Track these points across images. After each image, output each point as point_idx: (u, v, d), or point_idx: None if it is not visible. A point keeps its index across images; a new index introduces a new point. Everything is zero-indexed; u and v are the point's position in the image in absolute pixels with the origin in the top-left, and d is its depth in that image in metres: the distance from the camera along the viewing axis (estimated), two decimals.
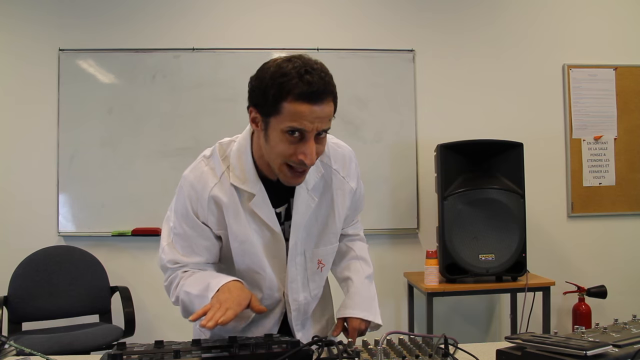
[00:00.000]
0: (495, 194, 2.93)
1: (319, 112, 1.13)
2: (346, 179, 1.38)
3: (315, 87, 1.11)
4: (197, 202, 1.30)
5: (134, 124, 3.32)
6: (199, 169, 1.33)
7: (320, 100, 1.12)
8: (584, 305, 3.33)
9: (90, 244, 3.26)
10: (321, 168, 1.34)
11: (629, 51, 3.57)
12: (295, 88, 1.10)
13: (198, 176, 1.31)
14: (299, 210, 1.32)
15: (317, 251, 1.39)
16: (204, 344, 1.14)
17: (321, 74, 1.13)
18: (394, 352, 1.13)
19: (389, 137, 3.42)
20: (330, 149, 1.36)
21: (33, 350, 1.19)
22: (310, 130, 1.14)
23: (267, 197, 1.29)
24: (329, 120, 1.17)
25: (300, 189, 1.31)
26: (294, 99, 1.11)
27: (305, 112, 1.11)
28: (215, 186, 1.29)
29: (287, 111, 1.12)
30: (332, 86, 1.16)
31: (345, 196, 1.39)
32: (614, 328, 1.16)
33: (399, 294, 3.42)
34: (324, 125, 1.16)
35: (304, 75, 1.10)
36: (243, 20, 3.39)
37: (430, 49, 3.47)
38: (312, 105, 1.11)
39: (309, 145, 1.15)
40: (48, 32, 3.33)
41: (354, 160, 1.42)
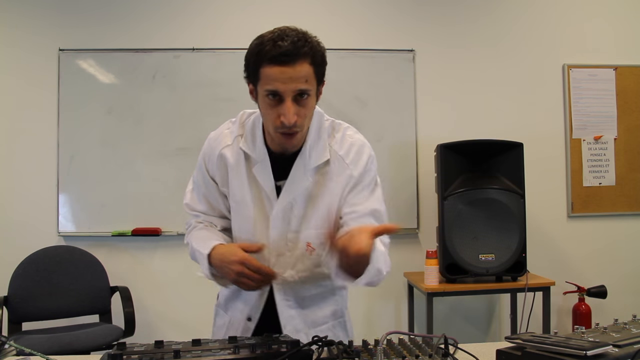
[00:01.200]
0: (495, 194, 2.93)
1: (290, 72, 1.19)
2: (350, 166, 1.38)
3: (284, 49, 1.17)
4: (209, 157, 1.43)
5: (134, 124, 3.32)
6: (221, 129, 1.45)
7: (291, 61, 1.18)
8: (584, 305, 3.33)
9: (90, 244, 3.26)
10: (328, 153, 1.37)
11: (629, 51, 3.57)
12: (268, 53, 1.19)
13: (217, 135, 1.44)
14: (290, 185, 1.36)
15: (308, 233, 1.38)
16: (204, 343, 1.14)
17: (295, 39, 1.19)
18: (394, 352, 1.13)
19: (389, 137, 3.42)
20: (343, 138, 1.41)
21: (33, 350, 1.19)
22: (285, 91, 1.20)
23: (269, 166, 1.36)
24: (306, 81, 1.21)
25: (298, 166, 1.35)
26: (268, 62, 1.19)
27: (276, 74, 1.19)
28: (226, 147, 1.40)
29: (264, 75, 1.21)
30: (307, 49, 1.20)
31: (346, 183, 1.37)
32: (614, 328, 1.16)
33: (399, 294, 3.42)
34: (300, 86, 1.21)
35: (277, 40, 1.19)
36: (243, 20, 3.39)
37: (430, 49, 3.47)
38: (283, 66, 1.18)
39: (285, 106, 1.21)
40: (48, 32, 3.33)
41: (367, 153, 1.41)
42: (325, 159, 1.37)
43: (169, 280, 3.32)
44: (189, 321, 3.29)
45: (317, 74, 1.25)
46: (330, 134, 1.41)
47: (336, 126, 1.43)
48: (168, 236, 3.31)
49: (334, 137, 1.40)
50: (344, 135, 1.41)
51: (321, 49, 1.25)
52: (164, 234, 3.29)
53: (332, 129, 1.42)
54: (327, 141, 1.39)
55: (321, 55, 1.25)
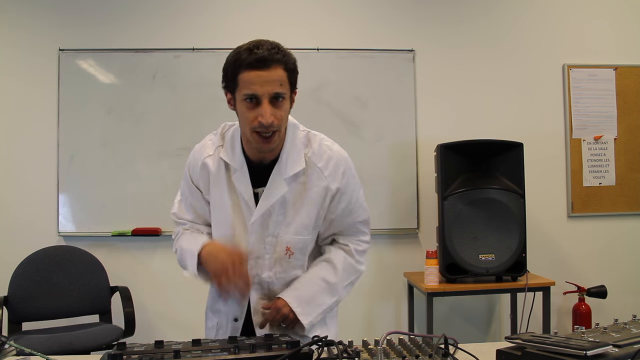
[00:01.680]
0: (495, 194, 2.93)
1: (266, 76, 1.29)
2: (327, 179, 1.45)
3: (260, 55, 1.29)
4: (193, 167, 1.51)
5: (134, 124, 3.32)
6: (204, 141, 1.53)
7: (266, 66, 1.29)
8: (584, 305, 3.33)
9: (90, 244, 3.26)
10: (303, 163, 1.44)
11: (629, 51, 3.57)
12: (245, 60, 1.30)
13: (200, 146, 1.52)
14: (268, 192, 1.43)
15: (286, 237, 1.46)
16: (204, 344, 1.14)
17: (269, 47, 1.31)
18: (394, 352, 1.13)
19: (389, 137, 3.42)
20: (320, 149, 1.47)
21: (33, 350, 1.19)
22: (262, 94, 1.30)
23: (247, 175, 1.44)
24: (281, 85, 1.32)
25: (276, 174, 1.43)
26: (245, 69, 1.30)
27: (253, 78, 1.29)
28: (208, 157, 1.48)
29: (242, 81, 1.31)
30: (280, 55, 1.31)
31: (322, 194, 1.45)
32: (614, 328, 1.16)
33: (399, 294, 3.42)
34: (275, 89, 1.31)
35: (253, 49, 1.30)
36: (243, 20, 3.39)
37: (430, 49, 3.47)
38: (259, 71, 1.29)
39: (263, 107, 1.31)
40: (48, 32, 3.33)
41: (345, 166, 1.49)
42: (300, 167, 1.43)
43: (169, 280, 3.32)
44: (189, 321, 3.28)
45: (290, 79, 1.34)
46: (307, 144, 1.48)
47: (311, 137, 1.49)
48: (168, 236, 3.30)
49: (311, 147, 1.47)
50: (320, 146, 1.48)
51: (293, 58, 1.36)
52: (164, 234, 3.29)
53: (307, 139, 1.49)
54: (302, 151, 1.46)
55: (293, 62, 1.36)
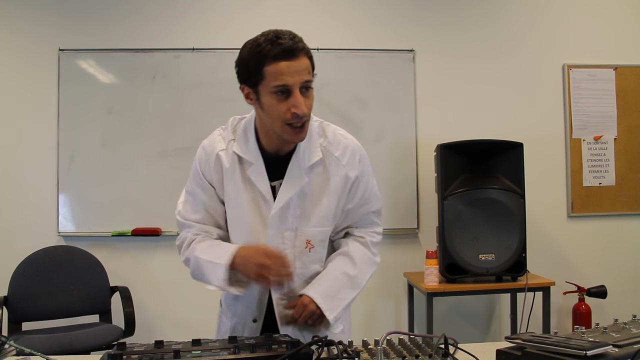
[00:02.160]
0: (495, 194, 2.93)
1: (295, 65, 1.26)
2: (346, 167, 1.44)
3: (286, 45, 1.25)
4: (205, 162, 1.44)
5: (134, 124, 3.32)
6: (213, 135, 1.48)
7: (294, 55, 1.26)
8: (584, 305, 3.33)
9: (90, 244, 3.26)
10: (320, 152, 1.42)
11: (629, 51, 3.57)
12: (271, 52, 1.25)
13: (210, 141, 1.47)
14: (287, 184, 1.40)
15: (306, 230, 1.42)
16: (204, 343, 1.14)
17: (290, 35, 1.27)
18: (394, 352, 1.13)
19: (389, 137, 3.42)
20: (335, 138, 1.46)
21: (33, 350, 1.19)
22: (294, 84, 1.26)
23: (263, 168, 1.40)
24: (308, 73, 1.29)
25: (293, 165, 1.40)
26: (272, 60, 1.25)
27: (283, 68, 1.25)
28: (221, 151, 1.43)
29: (269, 73, 1.26)
30: (302, 43, 1.29)
31: (342, 183, 1.44)
32: (614, 328, 1.16)
33: (399, 294, 3.42)
34: (305, 77, 1.28)
35: (275, 40, 1.26)
36: (243, 20, 3.39)
37: (430, 49, 3.47)
38: (288, 60, 1.25)
39: (296, 97, 1.27)
40: (48, 32, 3.33)
41: (360, 153, 1.48)
42: (317, 158, 1.41)
43: (169, 280, 3.32)
44: (189, 321, 3.29)
45: (312, 66, 1.32)
46: (321, 134, 1.46)
47: (325, 127, 1.48)
48: (168, 236, 3.30)
49: (326, 137, 1.45)
50: (335, 135, 1.46)
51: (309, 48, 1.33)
52: (164, 234, 3.29)
53: (321, 129, 1.47)
54: (317, 141, 1.44)
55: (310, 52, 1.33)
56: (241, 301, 1.47)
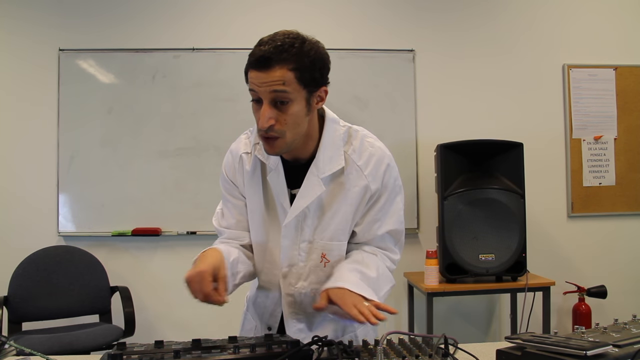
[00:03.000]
0: (495, 194, 2.93)
1: (263, 77, 1.19)
2: (367, 178, 1.34)
3: (258, 54, 1.19)
4: (231, 163, 1.44)
5: (134, 124, 3.32)
6: (240, 139, 1.46)
7: (265, 66, 1.19)
8: (584, 305, 3.33)
9: (90, 244, 3.26)
10: (343, 160, 1.34)
11: (629, 51, 3.57)
12: (250, 57, 1.22)
13: (237, 143, 1.45)
14: (303, 193, 1.33)
15: (321, 243, 1.36)
16: (204, 344, 1.14)
17: (279, 44, 1.19)
18: (394, 352, 1.13)
19: (389, 137, 3.41)
20: (362, 145, 1.37)
21: (33, 350, 1.19)
22: (261, 93, 1.21)
23: (282, 174, 1.35)
24: (283, 84, 1.19)
25: (311, 174, 1.33)
26: (249, 67, 1.22)
27: (253, 77, 1.21)
28: (245, 153, 1.42)
29: (249, 78, 1.23)
30: (286, 54, 1.19)
31: (360, 194, 1.35)
32: (614, 328, 1.16)
33: (399, 294, 3.42)
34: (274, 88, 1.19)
35: (260, 45, 1.21)
36: (243, 20, 3.39)
37: (430, 49, 3.47)
38: (258, 71, 1.20)
39: (262, 109, 1.22)
40: (48, 32, 3.33)
41: (387, 164, 1.38)
42: (339, 166, 1.33)
43: (169, 280, 3.32)
44: (189, 321, 3.29)
45: (301, 79, 1.20)
46: (347, 141, 1.37)
47: (353, 133, 1.38)
48: (168, 236, 3.31)
49: (351, 145, 1.36)
50: (362, 142, 1.37)
51: (312, 54, 1.22)
52: (164, 234, 3.29)
53: (348, 135, 1.38)
54: (341, 148, 1.35)
55: (310, 60, 1.21)
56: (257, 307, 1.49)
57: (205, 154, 3.28)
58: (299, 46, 1.20)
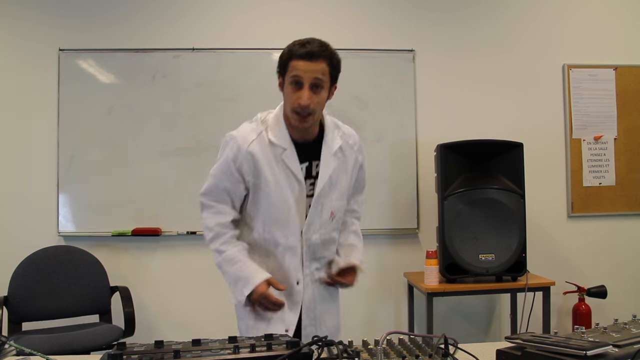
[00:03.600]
0: (495, 194, 2.93)
1: (311, 66, 1.57)
2: (356, 152, 1.80)
3: (309, 49, 1.56)
4: (237, 151, 1.66)
5: (134, 124, 3.32)
6: (243, 127, 1.72)
7: (313, 58, 1.56)
8: (584, 305, 3.33)
9: (90, 244, 3.26)
10: (340, 140, 1.75)
11: (629, 51, 3.57)
12: (297, 51, 1.58)
13: (241, 132, 1.70)
14: (324, 167, 1.69)
15: (331, 203, 1.73)
16: (204, 344, 1.14)
17: (319, 44, 1.59)
18: (394, 352, 1.13)
19: (389, 137, 3.42)
20: (346, 130, 1.80)
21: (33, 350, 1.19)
22: (305, 79, 1.57)
23: (295, 152, 1.67)
24: (323, 74, 1.58)
25: (326, 152, 1.70)
26: (295, 58, 1.58)
27: (301, 65, 1.57)
28: (253, 142, 1.66)
29: (291, 67, 1.59)
30: (327, 52, 1.59)
31: (353, 165, 1.79)
32: (614, 328, 1.16)
33: (399, 294, 3.42)
34: (317, 75, 1.57)
35: (305, 44, 1.58)
36: (243, 20, 3.39)
37: (430, 49, 3.47)
38: (307, 61, 1.57)
39: (304, 91, 1.58)
40: (48, 32, 3.33)
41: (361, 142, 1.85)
42: (339, 144, 1.74)
43: (169, 280, 3.32)
44: (189, 321, 3.29)
45: (331, 74, 1.61)
46: (337, 126, 1.78)
47: (336, 121, 1.80)
48: (168, 236, 3.31)
49: (340, 129, 1.78)
50: (346, 127, 1.81)
51: (338, 57, 1.63)
52: (164, 234, 3.29)
53: (334, 123, 1.79)
54: (335, 131, 1.76)
55: (337, 61, 1.63)
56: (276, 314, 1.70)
57: (205, 154, 3.28)
58: (331, 49, 1.61)
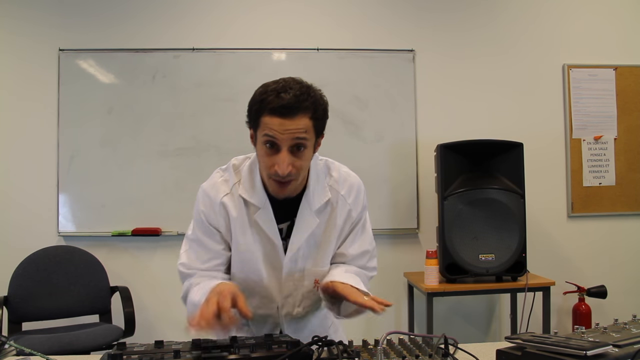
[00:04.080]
0: (495, 194, 2.93)
1: (288, 124, 1.23)
2: (351, 206, 1.45)
3: (285, 102, 1.22)
4: (210, 207, 1.40)
5: (134, 124, 3.32)
6: (214, 179, 1.44)
7: (290, 114, 1.23)
8: (584, 305, 3.33)
9: (90, 244, 3.26)
10: (329, 193, 1.42)
11: (629, 51, 3.57)
12: (270, 103, 1.23)
13: (212, 185, 1.43)
14: (299, 228, 1.39)
15: (315, 270, 1.43)
16: (204, 344, 1.14)
17: (297, 92, 1.24)
18: (394, 352, 1.13)
19: (389, 137, 3.42)
20: (340, 177, 1.45)
21: (33, 350, 1.19)
22: (282, 140, 1.24)
23: (271, 212, 1.37)
24: (305, 132, 1.25)
25: (304, 209, 1.39)
26: (268, 113, 1.24)
27: (275, 124, 1.23)
28: (225, 196, 1.40)
29: (264, 124, 1.25)
30: (308, 103, 1.24)
31: (346, 221, 1.45)
32: (614, 328, 1.16)
33: (399, 294, 3.42)
34: (297, 136, 1.24)
35: (280, 93, 1.23)
36: (243, 20, 3.39)
37: (430, 49, 3.47)
38: (282, 118, 1.23)
39: (281, 155, 1.25)
40: (48, 32, 3.33)
41: (362, 190, 1.49)
42: (326, 198, 1.41)
43: (169, 280, 3.30)
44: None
45: (316, 127, 1.28)
46: (327, 174, 1.45)
47: (330, 165, 1.47)
48: (168, 236, 3.31)
49: (332, 177, 1.45)
50: (340, 173, 1.46)
51: (323, 103, 1.29)
52: (164, 234, 3.29)
53: (327, 168, 1.46)
54: (324, 180, 1.43)
55: (323, 109, 1.29)
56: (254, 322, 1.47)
57: (205, 154, 3.28)
58: (313, 95, 1.27)
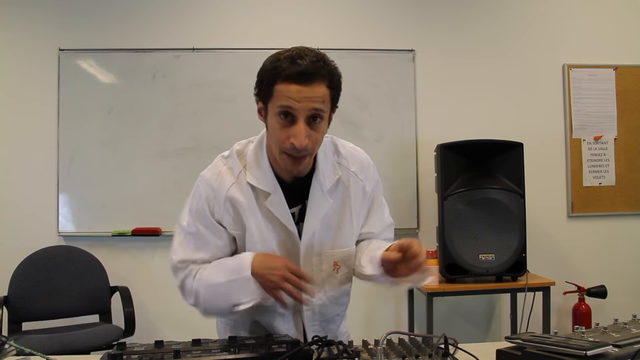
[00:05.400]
0: (495, 194, 2.93)
1: (306, 91, 1.15)
2: (364, 182, 1.39)
3: (302, 67, 1.14)
4: (214, 200, 1.31)
5: (134, 124, 3.32)
6: (217, 168, 1.34)
7: (308, 81, 1.15)
8: (584, 305, 3.33)
9: (90, 244, 3.26)
10: (339, 171, 1.35)
11: (629, 51, 3.57)
12: (285, 70, 1.15)
13: (215, 175, 1.32)
14: (313, 211, 1.31)
15: (332, 252, 1.36)
16: (204, 344, 1.14)
17: (314, 59, 1.16)
18: (394, 352, 1.13)
19: (389, 137, 3.42)
20: (348, 153, 1.39)
21: (33, 350, 1.19)
22: (299, 110, 1.16)
23: (282, 196, 1.29)
24: (322, 102, 1.18)
25: (315, 190, 1.31)
26: (283, 80, 1.15)
27: (292, 91, 1.15)
28: (232, 186, 1.30)
29: (278, 92, 1.17)
30: (325, 71, 1.17)
31: (361, 198, 1.39)
32: (614, 328, 1.16)
33: (399, 294, 3.41)
34: (315, 105, 1.16)
35: (295, 59, 1.15)
36: (243, 20, 3.39)
37: (430, 49, 3.47)
38: (300, 85, 1.14)
39: (298, 127, 1.17)
40: (48, 32, 3.32)
41: (372, 164, 1.43)
42: (337, 177, 1.34)
43: (169, 280, 3.28)
44: (189, 321, 3.28)
45: (332, 98, 1.21)
46: (335, 151, 1.38)
47: (336, 141, 1.40)
48: (168, 236, 3.30)
49: (340, 154, 1.38)
50: (346, 149, 1.40)
51: (338, 74, 1.22)
52: (164, 234, 3.29)
53: (333, 145, 1.39)
54: (332, 158, 1.36)
55: (338, 79, 1.22)
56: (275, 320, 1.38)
57: (205, 154, 3.28)
58: (329, 63, 1.19)
